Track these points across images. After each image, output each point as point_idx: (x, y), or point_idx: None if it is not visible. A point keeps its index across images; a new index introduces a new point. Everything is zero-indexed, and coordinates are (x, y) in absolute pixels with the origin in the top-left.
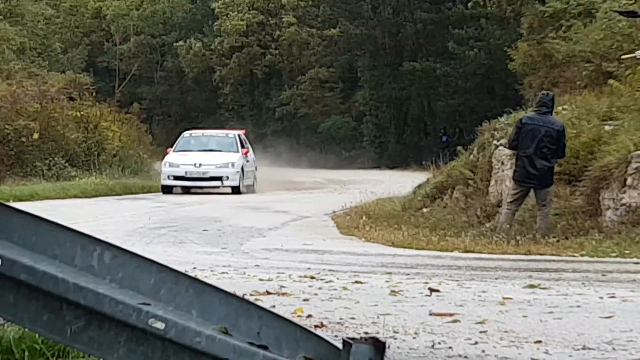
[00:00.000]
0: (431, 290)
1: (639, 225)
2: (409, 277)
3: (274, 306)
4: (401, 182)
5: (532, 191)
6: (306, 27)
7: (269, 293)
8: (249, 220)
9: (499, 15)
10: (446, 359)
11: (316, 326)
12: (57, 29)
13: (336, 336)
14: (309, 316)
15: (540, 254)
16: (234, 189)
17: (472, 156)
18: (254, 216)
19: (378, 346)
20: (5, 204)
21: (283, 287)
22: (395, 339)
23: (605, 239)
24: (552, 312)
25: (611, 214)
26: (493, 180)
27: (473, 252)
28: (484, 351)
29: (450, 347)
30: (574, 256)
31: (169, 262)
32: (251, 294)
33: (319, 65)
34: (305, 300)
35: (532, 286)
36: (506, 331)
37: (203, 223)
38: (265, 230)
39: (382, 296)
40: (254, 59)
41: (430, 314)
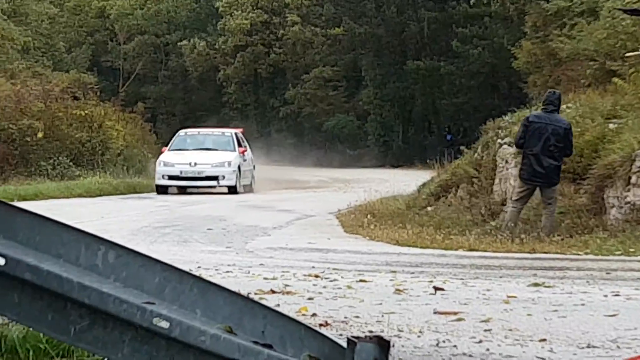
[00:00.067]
0: (436, 288)
1: None
2: (413, 275)
3: (278, 305)
4: (405, 181)
5: (537, 189)
6: (310, 26)
7: (273, 292)
8: (254, 219)
9: (503, 14)
10: (451, 357)
11: (321, 325)
12: (61, 28)
13: (341, 335)
14: (314, 315)
15: (544, 253)
16: (230, 188)
17: (476, 155)
18: (258, 215)
19: (382, 345)
20: (10, 203)
21: (287, 285)
22: (400, 337)
23: (610, 237)
24: (556, 311)
25: (615, 212)
26: (497, 179)
27: (477, 250)
28: (488, 349)
29: (455, 346)
30: (578, 254)
31: (173, 261)
32: (256, 293)
33: (323, 64)
34: (309, 299)
35: (536, 284)
36: (511, 330)
37: (207, 222)
38: (269, 229)
39: (387, 295)
40: (258, 58)
41: (435, 313)
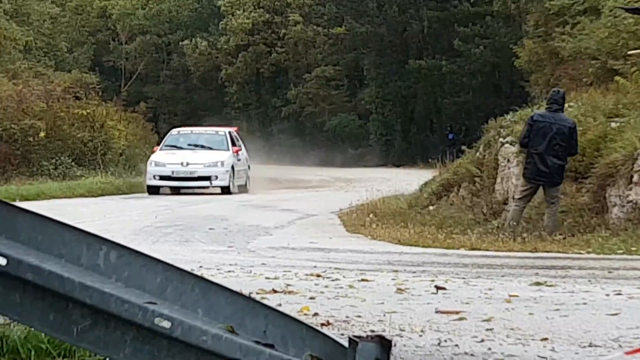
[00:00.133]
0: (437, 288)
1: None
2: (415, 274)
3: (280, 304)
4: (407, 180)
5: (540, 188)
6: (312, 25)
7: (275, 291)
8: (255, 219)
9: (505, 13)
10: (452, 356)
11: (322, 324)
12: (63, 28)
13: (342, 334)
14: (315, 314)
15: (546, 252)
16: (223, 189)
17: (478, 154)
18: (260, 215)
19: (384, 344)
20: (12, 203)
21: (289, 285)
22: (402, 336)
23: (612, 236)
24: (558, 310)
25: (617, 211)
26: (499, 178)
27: (479, 249)
28: (490, 349)
29: (457, 345)
30: (580, 253)
31: (175, 261)
32: (257, 293)
33: (325, 64)
34: (311, 298)
35: (538, 283)
36: (512, 329)
37: (209, 222)
38: (271, 228)
39: (389, 294)
40: (260, 58)
41: (437, 312)
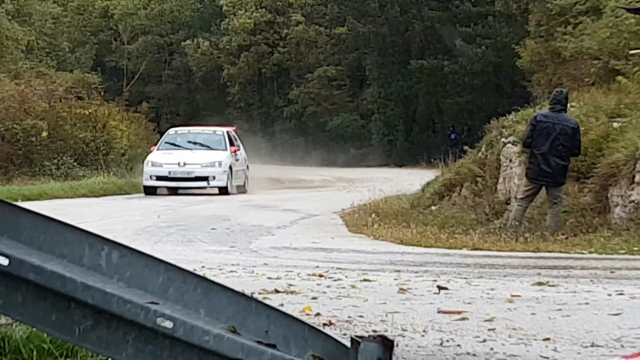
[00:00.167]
0: (439, 288)
1: None
2: (417, 275)
3: (282, 305)
4: (409, 180)
5: (543, 188)
6: (314, 25)
7: (277, 291)
8: (258, 219)
9: (506, 13)
10: (454, 356)
11: (324, 324)
12: (65, 28)
13: (344, 334)
14: (318, 314)
15: (548, 252)
16: (221, 189)
17: (480, 154)
18: (262, 215)
19: (386, 344)
20: (14, 203)
21: (291, 285)
22: (404, 336)
23: (614, 236)
24: (560, 310)
25: (619, 211)
26: (501, 178)
27: (481, 249)
28: (492, 349)
29: (459, 345)
30: (582, 253)
31: (177, 261)
32: (260, 293)
33: (327, 64)
34: (313, 298)
35: (540, 284)
36: (514, 329)
37: (211, 222)
38: (273, 228)
39: (391, 294)
40: (262, 58)
41: (439, 312)
